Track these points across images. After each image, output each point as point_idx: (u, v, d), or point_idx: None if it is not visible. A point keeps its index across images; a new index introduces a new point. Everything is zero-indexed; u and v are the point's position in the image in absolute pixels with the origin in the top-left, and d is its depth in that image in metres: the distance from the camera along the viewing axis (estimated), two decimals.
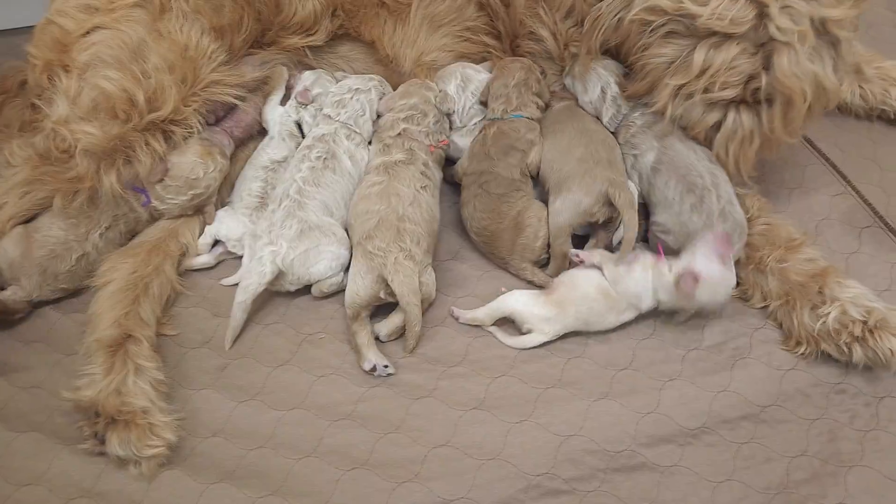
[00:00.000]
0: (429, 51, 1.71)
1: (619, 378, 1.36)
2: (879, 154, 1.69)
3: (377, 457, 1.28)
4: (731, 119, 1.39)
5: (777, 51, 1.31)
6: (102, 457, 1.28)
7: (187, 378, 1.40)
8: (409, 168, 1.52)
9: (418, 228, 1.43)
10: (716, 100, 1.37)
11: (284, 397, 1.36)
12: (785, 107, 1.35)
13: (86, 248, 1.49)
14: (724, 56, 1.32)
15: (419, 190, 1.49)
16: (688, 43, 1.37)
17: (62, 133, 1.43)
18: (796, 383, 1.34)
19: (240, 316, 1.41)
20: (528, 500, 1.23)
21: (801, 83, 1.31)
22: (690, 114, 1.42)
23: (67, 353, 1.42)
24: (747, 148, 1.41)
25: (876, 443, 1.28)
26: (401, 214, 1.44)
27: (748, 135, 1.40)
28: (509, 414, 1.32)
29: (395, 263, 1.38)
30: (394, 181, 1.50)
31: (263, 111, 1.67)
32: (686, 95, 1.39)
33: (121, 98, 1.44)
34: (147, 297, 1.44)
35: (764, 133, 1.39)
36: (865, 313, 1.32)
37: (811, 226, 1.55)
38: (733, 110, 1.39)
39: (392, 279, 1.37)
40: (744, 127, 1.39)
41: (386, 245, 1.40)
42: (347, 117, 1.63)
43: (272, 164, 1.61)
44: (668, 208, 1.42)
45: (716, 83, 1.34)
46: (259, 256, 1.43)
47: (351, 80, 1.69)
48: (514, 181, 1.51)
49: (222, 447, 1.30)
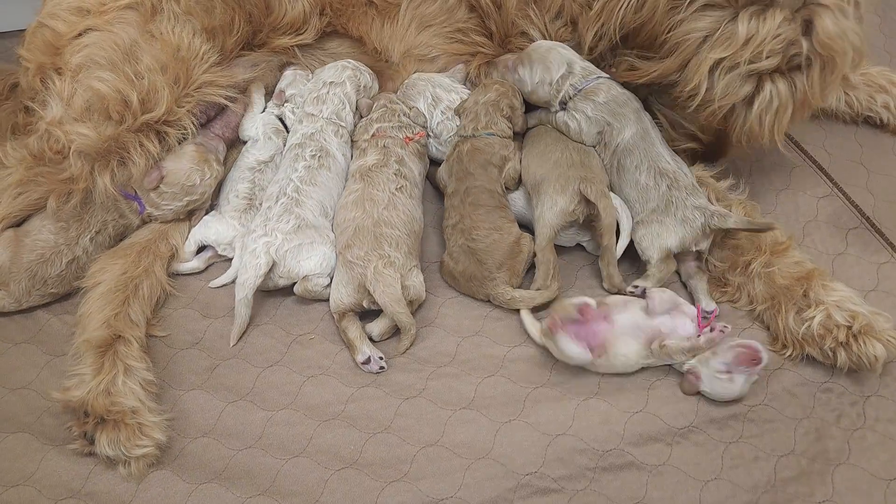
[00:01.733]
0: (419, 45, 1.72)
1: (607, 377, 1.36)
2: (866, 157, 1.71)
3: (366, 456, 1.29)
4: (767, 90, 1.36)
5: (817, 13, 1.30)
6: (91, 457, 1.28)
7: (177, 379, 1.40)
8: (383, 171, 1.53)
9: (395, 231, 1.43)
10: (760, 70, 1.34)
11: (274, 398, 1.37)
12: (824, 70, 1.34)
13: (76, 253, 1.49)
14: (769, 24, 1.30)
15: (394, 192, 1.49)
16: (725, 14, 1.34)
17: (56, 134, 1.44)
18: (783, 383, 1.35)
19: (244, 312, 1.41)
20: (517, 499, 1.23)
21: (843, 43, 1.31)
22: (728, 87, 1.37)
23: (57, 354, 1.42)
24: (783, 116, 1.39)
25: (862, 441, 1.28)
26: (376, 219, 1.44)
27: (784, 104, 1.37)
28: (498, 413, 1.33)
29: (374, 273, 1.38)
30: (369, 187, 1.50)
31: (241, 124, 1.67)
32: (729, 68, 1.35)
33: (114, 99, 1.45)
34: (137, 298, 1.44)
35: (798, 100, 1.38)
36: (850, 318, 1.32)
37: (798, 227, 1.56)
38: (768, 81, 1.36)
39: (374, 290, 1.37)
40: (781, 97, 1.36)
41: (364, 253, 1.40)
42: (330, 112, 1.64)
43: (258, 165, 1.62)
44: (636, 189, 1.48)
45: (762, 53, 1.31)
46: (252, 249, 1.43)
47: (325, 72, 1.69)
48: (498, 194, 1.51)
49: (212, 447, 1.31)
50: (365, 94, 1.71)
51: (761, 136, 1.42)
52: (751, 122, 1.40)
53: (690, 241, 1.42)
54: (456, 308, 1.48)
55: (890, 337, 1.31)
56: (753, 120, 1.40)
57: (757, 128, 1.41)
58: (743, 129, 1.42)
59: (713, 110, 1.41)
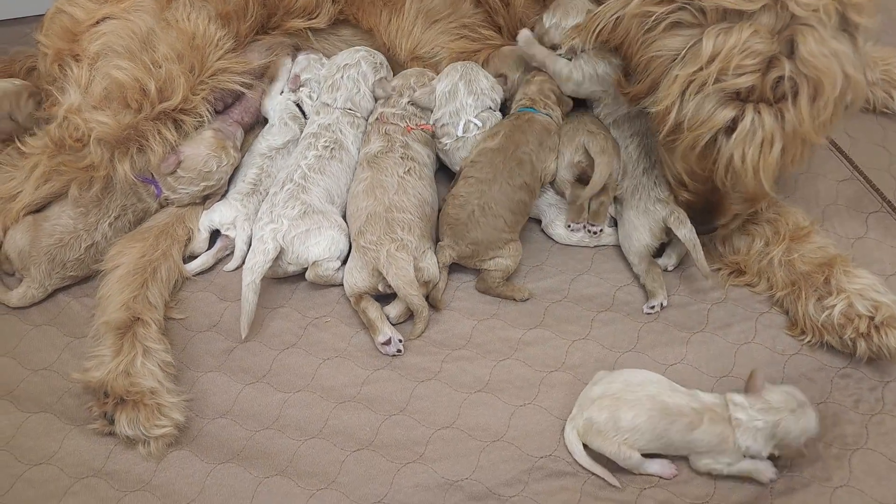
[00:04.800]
0: (425, 43, 1.71)
1: (622, 361, 1.36)
2: (889, 139, 1.68)
3: (382, 438, 1.30)
4: (749, 118, 1.21)
5: (800, 32, 1.18)
6: (112, 437, 1.30)
7: (195, 361, 1.42)
8: (388, 156, 1.53)
9: (407, 215, 1.44)
10: (730, 89, 1.21)
11: (290, 380, 1.38)
12: (813, 95, 1.20)
13: (95, 238, 1.51)
14: (735, 37, 1.19)
15: (403, 176, 1.49)
16: (695, 32, 1.25)
17: (75, 122, 1.46)
18: (801, 368, 1.34)
19: (252, 298, 1.40)
20: (531, 481, 1.24)
21: (830, 63, 1.18)
22: (701, 109, 1.24)
23: (77, 336, 1.45)
24: (767, 153, 1.23)
25: (881, 426, 1.27)
26: (388, 205, 1.44)
27: (769, 137, 1.22)
28: (513, 397, 1.33)
29: (387, 256, 1.38)
30: (378, 174, 1.50)
31: (264, 102, 1.69)
32: (698, 86, 1.23)
33: (132, 88, 1.46)
34: (155, 281, 1.46)
35: (788, 133, 1.22)
36: (872, 308, 1.30)
37: (818, 211, 1.54)
38: (752, 109, 1.22)
39: (387, 273, 1.38)
40: (764, 128, 1.21)
41: (377, 238, 1.40)
42: (344, 100, 1.63)
43: (269, 152, 1.63)
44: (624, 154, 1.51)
45: (728, 68, 1.20)
46: (260, 236, 1.44)
47: (339, 57, 1.70)
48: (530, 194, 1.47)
49: (229, 428, 1.32)
50: (382, 72, 1.69)
51: (744, 175, 1.25)
52: (732, 156, 1.25)
53: (660, 232, 1.42)
54: (471, 291, 1.48)
55: None
56: (735, 154, 1.24)
57: (739, 164, 1.24)
58: (726, 168, 1.27)
59: (689, 141, 1.28)
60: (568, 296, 1.47)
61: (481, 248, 1.42)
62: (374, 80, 1.66)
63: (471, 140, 1.56)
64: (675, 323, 1.41)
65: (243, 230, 1.53)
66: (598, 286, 1.48)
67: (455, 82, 1.59)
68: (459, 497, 1.22)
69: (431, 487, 1.23)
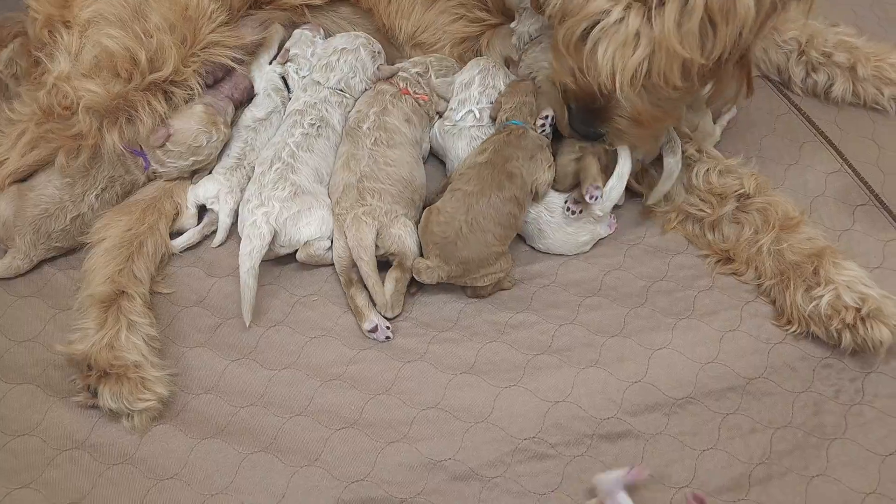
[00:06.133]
0: (425, 26, 1.69)
1: (608, 345, 1.37)
2: (878, 133, 1.68)
3: (367, 417, 1.30)
4: (615, 14, 1.16)
5: None
6: (95, 409, 1.30)
7: (180, 336, 1.41)
8: (360, 127, 1.54)
9: (378, 184, 1.44)
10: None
11: (277, 357, 1.38)
12: (680, 2, 1.13)
13: (81, 209, 1.50)
14: None
15: (371, 147, 1.50)
16: None
17: (64, 89, 1.44)
18: (784, 357, 1.35)
19: (252, 283, 1.38)
20: (514, 462, 1.25)
21: None
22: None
23: (62, 309, 1.44)
24: (629, 55, 1.17)
25: (859, 417, 1.29)
26: (360, 175, 1.46)
27: (632, 37, 1.16)
28: (498, 379, 1.33)
29: (353, 219, 1.40)
30: (352, 147, 1.51)
31: (252, 68, 1.67)
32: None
33: (123, 57, 1.44)
34: (141, 255, 1.45)
35: (655, 41, 1.16)
36: (860, 300, 1.31)
37: (806, 202, 1.55)
38: (622, 5, 1.16)
39: (347, 236, 1.39)
40: (628, 25, 1.16)
41: (349, 205, 1.42)
42: (337, 81, 1.62)
43: (254, 124, 1.62)
44: None
45: None
46: (252, 220, 1.43)
47: (337, 39, 1.68)
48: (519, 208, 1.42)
49: (214, 404, 1.32)
50: (379, 60, 1.69)
51: (602, 75, 1.21)
52: (595, 51, 1.20)
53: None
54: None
55: None
56: (598, 49, 1.19)
57: (600, 60, 1.19)
58: (591, 63, 1.22)
59: (568, 29, 1.23)
60: (556, 280, 1.47)
61: (472, 267, 1.39)
62: (372, 69, 1.66)
63: (466, 130, 1.56)
64: (661, 309, 1.42)
65: (226, 203, 1.52)
66: (585, 271, 1.48)
67: (473, 76, 1.62)
68: (442, 477, 1.23)
69: (415, 467, 1.24)
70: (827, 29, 1.75)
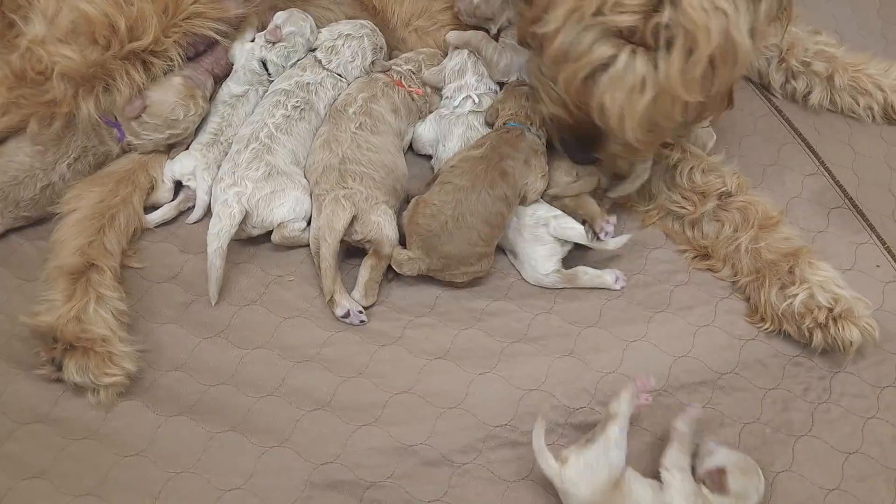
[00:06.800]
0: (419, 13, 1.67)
1: (584, 336, 1.37)
2: (855, 138, 1.71)
3: (339, 399, 1.29)
4: (622, 60, 1.17)
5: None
6: (59, 383, 1.27)
7: (151, 312, 1.38)
8: (347, 111, 1.52)
9: (360, 168, 1.42)
10: (610, 25, 1.16)
11: (250, 336, 1.36)
12: (685, 50, 1.15)
13: (52, 178, 1.45)
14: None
15: (355, 131, 1.48)
16: None
17: (39, 53, 1.39)
18: (756, 353, 1.37)
19: (219, 263, 1.36)
20: (486, 449, 1.24)
21: (707, 19, 1.12)
22: (582, 41, 1.19)
23: (28, 279, 1.40)
24: (636, 99, 1.19)
25: (826, 415, 1.31)
26: (342, 157, 1.44)
27: (639, 83, 1.18)
28: (473, 365, 1.33)
29: (330, 201, 1.38)
30: (334, 129, 1.49)
31: (232, 46, 1.63)
32: (580, 15, 1.18)
33: (102, 23, 1.40)
34: (113, 228, 1.42)
35: (660, 85, 1.18)
36: (832, 300, 1.32)
37: (782, 202, 1.56)
38: (628, 51, 1.17)
39: (321, 213, 1.38)
40: (635, 72, 1.17)
41: (330, 186, 1.41)
42: (337, 65, 1.61)
43: (231, 99, 1.59)
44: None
45: (607, 2, 1.15)
46: (224, 199, 1.41)
47: (342, 25, 1.66)
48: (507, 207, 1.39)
49: (184, 381, 1.30)
50: (379, 55, 1.68)
51: (611, 118, 1.23)
52: (602, 96, 1.22)
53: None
54: None
55: (867, 324, 1.32)
56: (606, 94, 1.21)
57: (608, 105, 1.21)
58: (598, 108, 1.24)
59: (570, 72, 1.23)
60: None
61: (453, 263, 1.37)
62: (371, 59, 1.65)
63: (464, 116, 1.55)
64: (638, 302, 1.42)
65: (203, 180, 1.49)
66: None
67: (465, 61, 1.61)
68: (413, 461, 1.22)
69: (386, 450, 1.23)
70: (808, 37, 1.77)
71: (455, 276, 1.40)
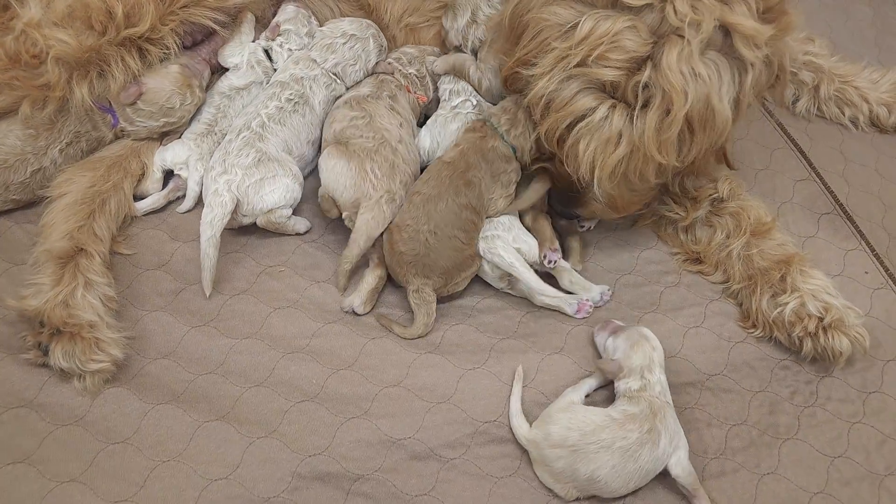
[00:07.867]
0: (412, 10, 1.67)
1: (574, 334, 1.37)
2: (846, 145, 1.73)
3: (327, 391, 1.28)
4: (600, 112, 1.20)
5: (669, 41, 1.15)
6: (45, 368, 1.25)
7: (140, 299, 1.37)
8: (378, 103, 1.51)
9: (408, 168, 1.43)
10: (593, 78, 1.19)
11: (239, 326, 1.35)
12: (661, 112, 1.17)
13: (43, 163, 1.44)
14: (607, 27, 1.16)
15: (400, 127, 1.47)
16: (585, 10, 1.21)
17: (34, 36, 1.38)
18: (744, 356, 1.38)
19: (212, 253, 1.35)
20: (473, 444, 1.24)
21: (684, 83, 1.14)
22: (565, 91, 1.22)
23: (16, 263, 1.38)
24: (610, 152, 1.22)
25: (812, 418, 1.32)
26: (394, 148, 1.43)
27: (614, 137, 1.20)
28: (463, 361, 1.33)
29: (375, 202, 1.37)
30: (376, 119, 1.47)
31: (223, 49, 1.60)
32: (564, 66, 1.21)
33: (98, 8, 1.39)
34: (103, 213, 1.41)
35: (634, 142, 1.20)
36: (823, 309, 1.33)
37: (773, 207, 1.58)
38: (608, 105, 1.20)
39: (361, 214, 1.37)
40: (611, 126, 1.20)
41: (378, 179, 1.39)
42: (334, 64, 1.58)
43: (229, 91, 1.58)
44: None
45: (592, 56, 1.17)
46: (215, 189, 1.40)
47: (346, 23, 1.62)
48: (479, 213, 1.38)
49: (171, 370, 1.29)
50: (382, 55, 1.65)
51: (583, 168, 1.24)
52: (577, 144, 1.23)
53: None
54: None
55: (857, 333, 1.32)
56: (580, 142, 1.23)
57: (581, 153, 1.23)
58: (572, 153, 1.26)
59: (552, 122, 1.26)
60: None
61: (453, 273, 1.36)
62: (374, 61, 1.62)
63: (462, 115, 1.54)
64: (628, 302, 1.43)
65: (195, 171, 1.49)
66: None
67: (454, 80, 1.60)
68: (401, 455, 1.22)
69: (373, 444, 1.23)
70: (797, 46, 1.78)
71: (458, 284, 1.39)
